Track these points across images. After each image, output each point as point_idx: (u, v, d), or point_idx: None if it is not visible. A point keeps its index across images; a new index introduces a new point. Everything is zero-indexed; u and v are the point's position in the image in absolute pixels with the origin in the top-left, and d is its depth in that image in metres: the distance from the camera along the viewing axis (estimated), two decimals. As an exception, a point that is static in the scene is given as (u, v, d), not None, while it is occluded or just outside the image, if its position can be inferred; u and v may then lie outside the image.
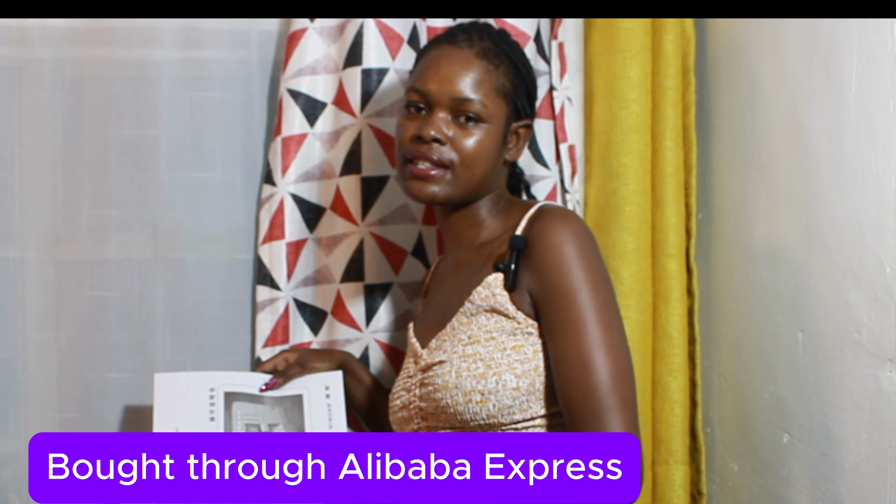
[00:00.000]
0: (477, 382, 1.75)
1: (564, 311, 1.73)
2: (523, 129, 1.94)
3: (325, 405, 2.03)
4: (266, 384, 2.04)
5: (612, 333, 1.73)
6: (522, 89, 1.92)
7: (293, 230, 2.28)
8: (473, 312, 1.82)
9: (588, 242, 1.78)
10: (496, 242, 1.88)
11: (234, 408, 1.99)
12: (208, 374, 2.08)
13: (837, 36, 1.87)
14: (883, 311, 1.77)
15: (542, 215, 1.82)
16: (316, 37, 2.29)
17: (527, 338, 1.77)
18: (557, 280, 1.74)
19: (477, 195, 1.91)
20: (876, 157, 1.78)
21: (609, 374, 1.69)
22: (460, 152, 1.85)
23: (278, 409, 2.01)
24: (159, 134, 2.29)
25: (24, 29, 2.25)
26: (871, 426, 1.81)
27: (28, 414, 2.25)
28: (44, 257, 2.26)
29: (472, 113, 1.86)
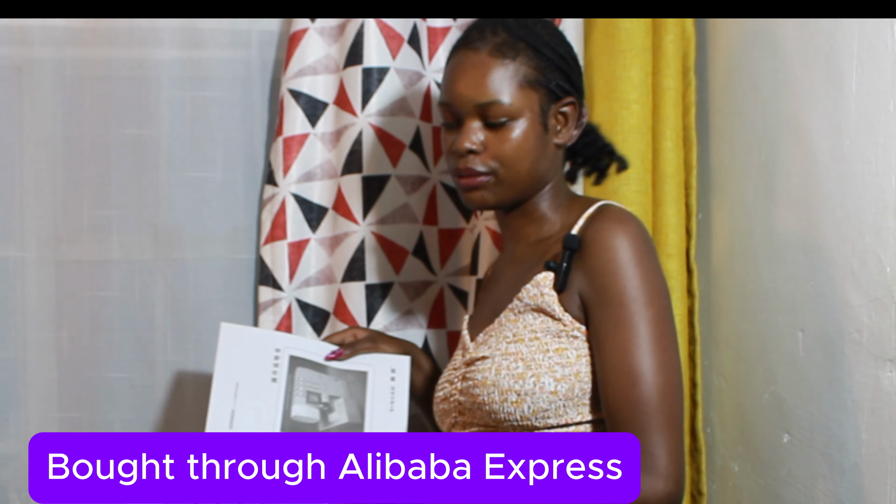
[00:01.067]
0: (514, 382, 1.72)
1: (616, 318, 1.68)
2: (569, 108, 1.86)
3: (389, 387, 1.99)
4: (333, 353, 2.01)
5: (664, 347, 1.68)
6: (552, 69, 1.84)
7: (295, 230, 2.28)
8: (521, 310, 1.78)
9: (646, 247, 1.73)
10: (553, 239, 1.84)
11: (297, 372, 1.96)
12: (275, 334, 2.07)
13: (837, 36, 1.87)
14: (883, 311, 1.77)
15: (600, 215, 1.77)
16: (317, 37, 2.29)
17: (571, 341, 1.73)
18: (611, 285, 1.69)
19: (531, 191, 1.86)
20: (876, 157, 1.78)
21: (658, 390, 1.65)
22: (499, 157, 1.81)
23: (341, 381, 1.99)
24: (160, 134, 2.29)
25: (24, 29, 2.25)
26: (872, 426, 1.81)
27: (28, 414, 2.25)
28: (44, 257, 2.26)
29: (501, 115, 1.81)
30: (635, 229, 1.73)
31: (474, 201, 1.85)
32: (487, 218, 2.23)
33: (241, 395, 1.91)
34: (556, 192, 1.89)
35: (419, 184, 2.28)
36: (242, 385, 1.92)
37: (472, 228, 2.28)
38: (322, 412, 1.94)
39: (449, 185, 2.32)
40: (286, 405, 1.92)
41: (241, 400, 1.91)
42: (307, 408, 1.93)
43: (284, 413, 1.91)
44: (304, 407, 1.93)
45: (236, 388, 1.92)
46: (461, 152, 1.82)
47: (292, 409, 1.92)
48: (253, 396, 1.92)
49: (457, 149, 1.83)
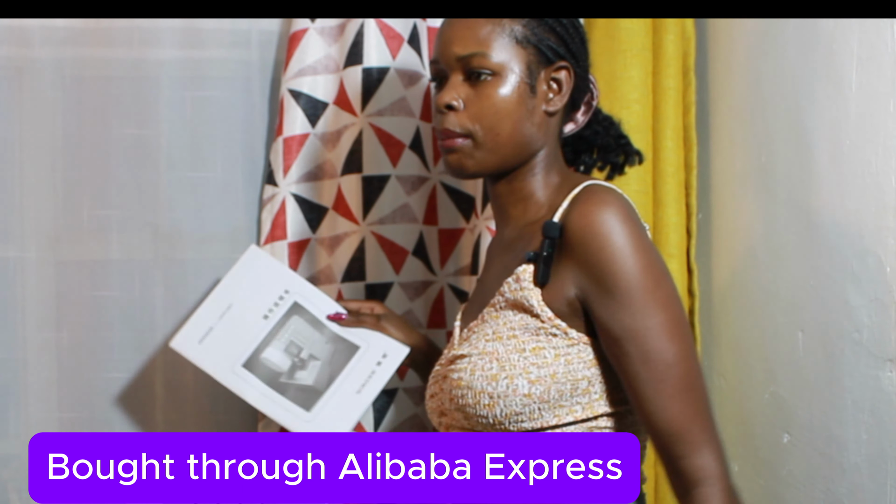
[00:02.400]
0: (488, 384, 1.63)
1: (628, 307, 1.57)
2: (564, 73, 1.73)
3: (369, 371, 1.99)
4: (336, 313, 2.02)
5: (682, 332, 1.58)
6: (545, 31, 1.71)
7: (295, 231, 2.28)
8: (502, 306, 1.68)
9: (637, 227, 1.60)
10: (538, 224, 1.70)
11: (292, 320, 2.00)
12: (292, 276, 2.09)
13: (837, 36, 1.87)
14: (883, 311, 1.77)
15: (582, 199, 1.63)
16: (317, 37, 2.29)
17: (549, 339, 1.63)
18: (612, 273, 1.57)
19: (516, 159, 1.73)
20: (876, 157, 1.78)
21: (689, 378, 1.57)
22: (477, 115, 1.69)
23: (330, 346, 2.00)
24: (160, 134, 2.29)
25: (25, 29, 2.25)
26: (871, 426, 1.81)
27: (28, 414, 2.25)
28: (44, 257, 2.26)
29: (484, 67, 1.69)
30: (621, 209, 1.60)
31: (452, 165, 1.73)
32: (488, 217, 2.23)
33: (227, 318, 1.98)
34: (548, 168, 1.75)
35: (419, 184, 2.28)
36: (234, 308, 1.99)
37: (473, 228, 2.28)
38: (293, 365, 1.98)
39: (449, 185, 2.32)
40: (263, 344, 1.98)
41: (225, 322, 1.98)
42: (281, 355, 1.98)
43: (256, 350, 1.97)
44: (278, 353, 1.98)
45: (227, 309, 1.99)
46: (441, 108, 1.71)
47: (266, 350, 1.98)
48: (237, 324, 1.98)
49: (437, 104, 1.72)
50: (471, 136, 1.71)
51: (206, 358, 1.98)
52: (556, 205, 1.69)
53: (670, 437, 1.57)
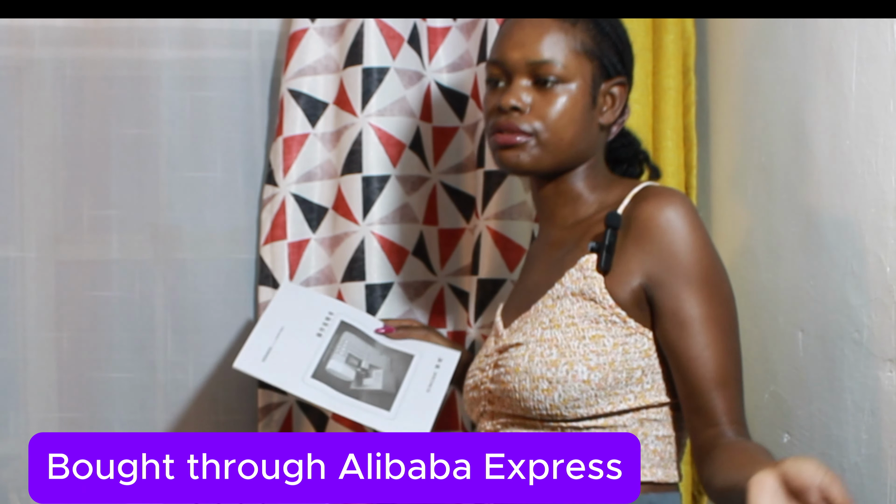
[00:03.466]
0: (547, 369, 1.67)
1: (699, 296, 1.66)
2: (618, 88, 1.80)
3: (432, 372, 1.99)
4: (385, 326, 2.04)
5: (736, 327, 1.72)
6: (608, 45, 1.79)
7: (295, 231, 2.28)
8: (560, 295, 1.72)
9: (703, 225, 1.70)
10: (592, 220, 1.77)
11: (344, 335, 1.99)
12: (332, 300, 2.09)
13: (837, 36, 1.87)
14: (883, 311, 1.77)
15: (651, 194, 1.71)
16: (317, 37, 2.29)
17: (609, 327, 1.68)
18: (686, 263, 1.66)
19: (569, 164, 1.79)
20: (876, 156, 1.78)
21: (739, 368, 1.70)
22: (544, 119, 1.75)
23: (385, 357, 2.00)
24: (160, 134, 2.30)
25: (25, 29, 2.25)
26: (872, 426, 1.80)
27: (28, 414, 2.26)
28: (44, 257, 2.27)
29: (553, 75, 1.74)
30: (692, 207, 1.70)
31: (508, 161, 1.77)
32: (488, 217, 2.23)
33: (282, 339, 1.96)
34: (595, 172, 1.83)
35: (419, 184, 2.28)
36: (287, 330, 1.97)
37: (473, 228, 2.29)
38: (358, 374, 1.96)
39: (449, 185, 2.33)
40: (324, 357, 1.96)
41: (281, 342, 1.95)
42: (344, 366, 1.96)
43: (320, 363, 1.94)
44: (341, 365, 1.96)
45: (280, 331, 1.97)
46: (505, 108, 1.76)
47: (329, 363, 1.95)
48: (294, 343, 1.95)
49: (502, 105, 1.76)
50: (534, 136, 1.76)
51: (274, 373, 1.93)
52: (609, 202, 1.77)
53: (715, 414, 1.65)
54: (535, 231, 2.23)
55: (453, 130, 2.33)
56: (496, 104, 1.78)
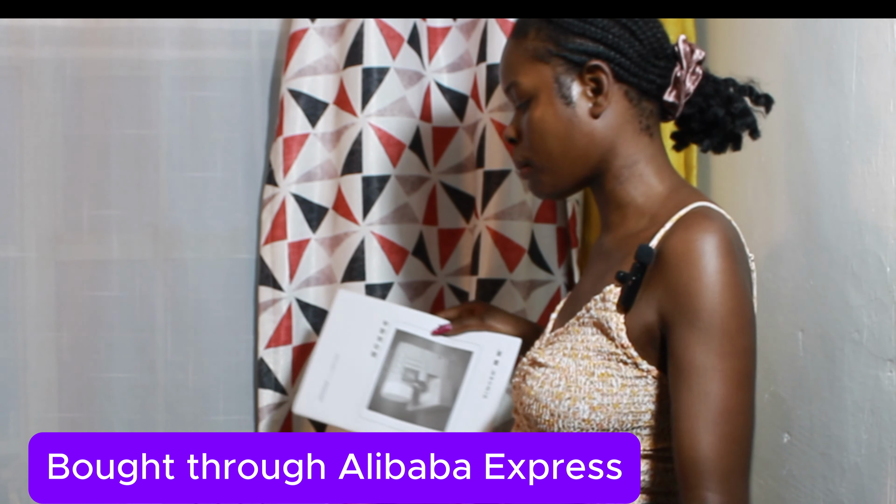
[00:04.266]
0: (551, 400, 1.59)
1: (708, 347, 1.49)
2: (599, 74, 1.65)
3: (490, 372, 1.94)
4: (441, 327, 1.97)
5: (750, 382, 1.51)
6: (568, 35, 1.65)
7: (295, 230, 2.28)
8: (585, 322, 1.62)
9: (734, 264, 1.52)
10: (639, 238, 1.63)
11: (399, 348, 1.97)
12: (387, 306, 2.05)
13: (837, 36, 1.87)
14: (883, 311, 1.77)
15: (686, 222, 1.55)
16: (317, 37, 2.29)
17: (619, 367, 1.57)
18: (701, 309, 1.50)
19: (585, 171, 1.67)
20: (876, 156, 1.78)
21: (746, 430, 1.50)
22: (527, 142, 1.68)
23: (444, 360, 1.97)
24: (160, 134, 2.30)
25: (25, 29, 2.25)
26: (872, 426, 1.81)
27: (28, 414, 2.26)
28: (44, 257, 2.27)
29: (520, 96, 1.68)
30: (724, 242, 1.52)
31: (533, 191, 1.74)
32: (488, 217, 2.23)
33: (339, 368, 1.96)
34: (638, 173, 1.68)
35: (419, 184, 2.28)
36: (342, 357, 1.97)
37: (473, 228, 2.29)
38: (415, 391, 1.95)
39: (449, 185, 2.33)
40: (380, 381, 1.95)
41: (338, 372, 1.96)
42: (401, 385, 1.95)
43: (376, 389, 1.94)
44: (397, 384, 1.95)
45: (335, 359, 1.97)
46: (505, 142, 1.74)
47: (385, 386, 1.95)
48: (349, 370, 1.96)
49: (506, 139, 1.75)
50: (530, 165, 1.70)
51: (332, 412, 1.94)
52: (658, 221, 1.62)
53: (702, 474, 1.48)
54: (534, 230, 2.23)
55: (453, 130, 2.33)
56: None
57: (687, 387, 1.50)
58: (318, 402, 1.94)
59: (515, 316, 2.02)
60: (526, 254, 2.24)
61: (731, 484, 1.48)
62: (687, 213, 1.58)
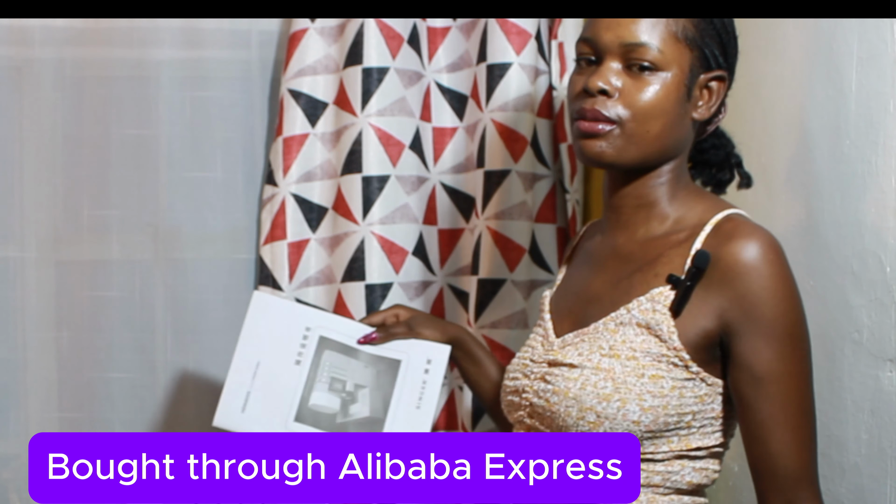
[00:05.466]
0: (598, 402, 1.57)
1: (783, 352, 1.55)
2: (716, 83, 1.67)
3: (421, 381, 1.88)
4: (365, 336, 1.88)
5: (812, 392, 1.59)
6: (711, 35, 1.66)
7: (295, 230, 2.29)
8: (625, 322, 1.61)
9: (790, 270, 1.58)
10: (669, 241, 1.64)
11: (324, 356, 1.88)
12: (308, 310, 1.97)
13: (837, 36, 1.87)
14: (883, 311, 1.77)
15: (738, 232, 1.58)
16: (317, 37, 2.30)
17: (670, 369, 1.58)
18: (775, 316, 1.55)
19: (653, 160, 1.65)
20: (876, 156, 1.78)
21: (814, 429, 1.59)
22: (631, 105, 1.61)
23: (371, 369, 1.88)
24: (160, 134, 2.30)
25: (25, 29, 2.25)
26: (872, 426, 1.81)
27: (28, 414, 2.26)
28: (44, 257, 2.27)
29: (647, 60, 1.60)
30: (780, 250, 1.58)
31: (590, 151, 1.62)
32: (488, 217, 2.23)
33: (260, 376, 1.86)
34: (675, 179, 1.69)
35: (419, 184, 2.29)
36: (263, 365, 1.86)
37: (473, 228, 2.29)
38: (343, 402, 1.87)
39: (449, 185, 2.33)
40: (306, 391, 1.86)
41: (259, 381, 1.85)
42: (328, 396, 1.86)
43: (302, 399, 1.85)
44: (324, 395, 1.86)
45: (256, 367, 1.86)
46: (592, 91, 1.61)
47: (311, 397, 1.86)
48: (272, 379, 1.86)
49: (589, 87, 1.61)
50: (619, 125, 1.62)
51: (256, 424, 1.84)
52: (688, 223, 1.65)
53: (790, 479, 1.58)
54: (535, 230, 2.22)
55: (453, 130, 2.33)
56: (583, 86, 1.63)
57: (766, 393, 1.56)
58: (239, 414, 1.85)
59: (443, 321, 1.99)
60: (526, 254, 2.24)
61: (817, 486, 1.59)
62: (725, 220, 1.62)
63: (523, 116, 2.26)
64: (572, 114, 1.66)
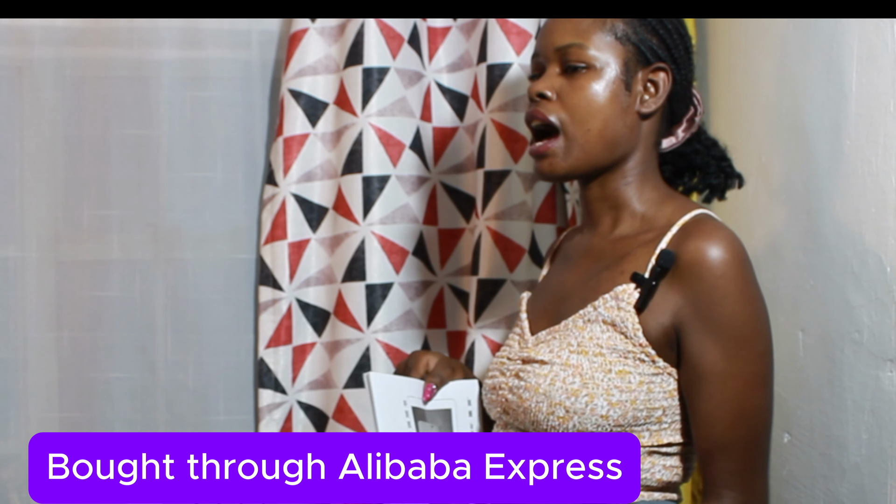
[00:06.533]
0: (567, 397, 1.60)
1: (730, 352, 1.57)
2: (662, 75, 1.69)
3: (468, 424, 1.89)
4: (428, 391, 1.83)
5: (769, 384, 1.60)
6: (648, 31, 1.69)
7: (295, 230, 2.29)
8: (592, 319, 1.64)
9: (752, 272, 1.60)
10: (637, 241, 1.67)
11: (419, 427, 1.84)
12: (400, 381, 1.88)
13: (837, 36, 1.87)
14: (883, 311, 1.77)
15: (701, 231, 1.60)
16: (317, 37, 2.30)
17: (637, 365, 1.60)
18: (723, 316, 1.57)
19: (606, 159, 1.68)
20: (876, 156, 1.79)
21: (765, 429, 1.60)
22: (569, 107, 1.66)
23: (435, 425, 1.87)
24: (160, 134, 2.30)
25: (25, 29, 2.26)
26: (872, 426, 1.81)
27: (28, 414, 2.27)
28: (45, 257, 2.28)
29: (580, 61, 1.66)
30: (741, 251, 1.60)
31: (544, 170, 1.69)
32: (488, 218, 2.23)
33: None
34: (642, 178, 1.72)
35: (419, 184, 2.29)
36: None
37: (473, 229, 2.29)
38: None
39: (449, 185, 2.33)
40: None
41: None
42: None
43: None
44: None
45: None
46: (532, 96, 1.68)
47: None
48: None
49: (530, 93, 1.69)
50: (562, 132, 1.67)
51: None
52: (657, 223, 1.68)
53: (723, 473, 1.59)
54: (534, 230, 2.23)
55: (453, 130, 2.34)
56: (528, 95, 1.71)
57: (707, 392, 1.58)
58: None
59: (452, 359, 1.95)
60: (526, 254, 2.24)
61: (750, 482, 1.59)
62: (692, 220, 1.64)
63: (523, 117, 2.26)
64: (527, 124, 1.73)
